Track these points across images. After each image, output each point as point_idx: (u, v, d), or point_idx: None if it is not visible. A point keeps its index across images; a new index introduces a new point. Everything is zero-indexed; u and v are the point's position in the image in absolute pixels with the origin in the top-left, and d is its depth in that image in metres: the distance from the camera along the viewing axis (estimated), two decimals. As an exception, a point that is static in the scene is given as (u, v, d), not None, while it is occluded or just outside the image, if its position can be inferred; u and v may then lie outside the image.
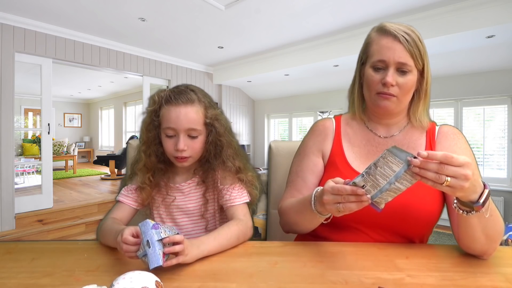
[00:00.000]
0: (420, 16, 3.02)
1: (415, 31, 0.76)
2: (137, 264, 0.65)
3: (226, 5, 2.92)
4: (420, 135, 0.82)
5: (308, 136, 0.92)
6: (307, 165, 0.87)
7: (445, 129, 0.82)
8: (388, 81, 0.74)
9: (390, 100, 0.77)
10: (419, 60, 0.74)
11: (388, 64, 0.75)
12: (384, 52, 0.75)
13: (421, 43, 0.75)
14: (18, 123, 7.10)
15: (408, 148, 0.80)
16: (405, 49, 0.73)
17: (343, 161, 0.83)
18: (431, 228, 0.79)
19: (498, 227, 0.63)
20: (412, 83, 0.76)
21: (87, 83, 6.89)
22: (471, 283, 0.55)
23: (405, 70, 0.74)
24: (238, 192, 0.90)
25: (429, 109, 0.82)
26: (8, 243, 0.81)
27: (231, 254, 0.72)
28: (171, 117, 0.82)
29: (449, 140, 0.79)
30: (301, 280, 0.57)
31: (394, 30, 0.74)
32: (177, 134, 0.83)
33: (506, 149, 3.56)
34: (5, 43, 3.07)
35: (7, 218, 3.09)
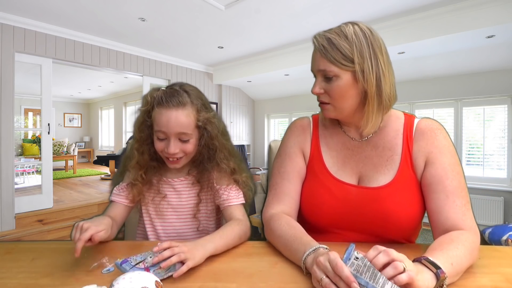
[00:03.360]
0: (420, 16, 3.02)
1: (345, 31, 0.69)
2: (137, 264, 0.65)
3: (226, 5, 2.92)
4: (396, 134, 0.77)
5: (288, 136, 0.88)
6: (291, 166, 0.83)
7: (422, 125, 0.76)
8: (312, 91, 0.74)
9: (326, 109, 0.76)
10: (343, 62, 0.68)
11: (315, 74, 0.75)
12: (311, 63, 0.75)
13: (348, 44, 0.68)
14: (18, 123, 7.10)
15: (384, 150, 0.77)
16: (322, 56, 0.70)
17: (322, 168, 0.81)
18: (414, 231, 0.78)
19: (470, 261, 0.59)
20: (341, 89, 0.70)
21: (87, 83, 6.89)
22: (471, 283, 0.55)
23: (329, 76, 0.71)
24: (236, 192, 0.91)
25: (383, 111, 0.73)
26: (8, 243, 0.81)
27: (231, 254, 0.72)
28: (162, 121, 0.81)
29: (426, 138, 0.74)
30: (301, 280, 0.57)
31: (314, 39, 0.72)
32: (168, 137, 0.83)
33: (506, 149, 3.56)
34: (5, 43, 3.07)
35: (7, 218, 3.09)
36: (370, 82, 0.69)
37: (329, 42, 0.69)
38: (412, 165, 0.74)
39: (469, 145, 3.83)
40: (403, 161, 0.74)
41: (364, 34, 0.69)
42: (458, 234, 0.62)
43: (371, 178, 0.76)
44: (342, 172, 0.79)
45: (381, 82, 0.70)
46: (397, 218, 0.71)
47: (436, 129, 0.75)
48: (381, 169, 0.76)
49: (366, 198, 0.74)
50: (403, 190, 0.72)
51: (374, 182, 0.75)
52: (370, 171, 0.77)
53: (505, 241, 3.02)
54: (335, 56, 0.68)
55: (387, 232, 0.74)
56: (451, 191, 0.68)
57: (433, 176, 0.70)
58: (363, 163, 0.78)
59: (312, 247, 0.60)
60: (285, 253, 0.68)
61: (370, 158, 0.78)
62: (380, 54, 0.70)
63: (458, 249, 0.57)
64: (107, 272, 0.60)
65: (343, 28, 0.70)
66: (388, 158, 0.76)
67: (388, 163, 0.75)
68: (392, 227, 0.72)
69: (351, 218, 0.76)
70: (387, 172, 0.75)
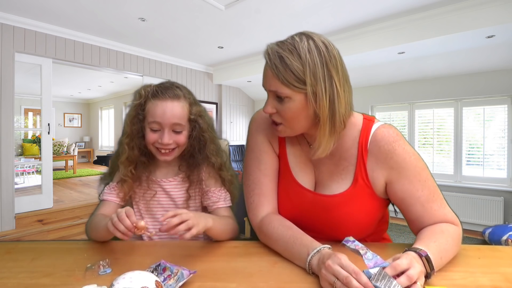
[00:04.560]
0: (420, 16, 3.02)
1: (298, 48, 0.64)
2: (137, 264, 0.65)
3: (226, 5, 2.92)
4: (352, 144, 0.74)
5: (255, 129, 0.84)
6: (271, 163, 0.80)
7: (379, 137, 0.71)
8: (264, 111, 0.71)
9: (279, 130, 0.73)
10: (295, 85, 0.64)
11: (267, 92, 0.71)
12: (263, 79, 0.71)
13: (301, 64, 0.63)
14: (18, 123, 7.09)
15: (340, 159, 0.75)
16: (273, 75, 0.66)
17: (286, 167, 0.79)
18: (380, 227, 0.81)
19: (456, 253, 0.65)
20: (293, 111, 0.67)
21: (87, 83, 6.89)
22: (471, 283, 0.55)
23: (281, 97, 0.67)
24: (224, 195, 0.93)
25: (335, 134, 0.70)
26: (8, 243, 0.81)
27: (231, 254, 0.72)
28: (157, 112, 0.83)
29: (382, 152, 0.70)
30: (301, 280, 0.57)
31: (266, 54, 0.67)
32: (162, 128, 0.85)
33: (506, 149, 3.56)
34: (5, 43, 3.07)
35: (7, 218, 3.09)
36: (322, 106, 0.65)
37: (281, 61, 0.64)
38: (366, 177, 0.72)
39: (469, 145, 3.83)
40: (357, 172, 0.73)
41: (318, 52, 0.64)
42: (447, 226, 0.66)
43: (326, 186, 0.76)
44: (301, 175, 0.79)
45: (334, 105, 0.66)
46: (350, 225, 0.72)
47: (392, 142, 0.70)
48: (336, 177, 0.75)
49: (321, 205, 0.75)
50: (358, 199, 0.72)
51: (328, 190, 0.75)
52: (325, 178, 0.77)
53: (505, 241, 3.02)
54: (287, 77, 0.64)
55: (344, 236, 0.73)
56: (425, 200, 0.69)
57: (403, 191, 0.70)
58: (320, 170, 0.78)
59: (315, 248, 0.60)
60: (285, 255, 0.68)
61: (326, 166, 0.77)
62: (335, 73, 0.65)
63: (448, 242, 0.62)
64: (103, 274, 0.60)
65: (297, 44, 0.64)
66: (344, 168, 0.75)
67: (344, 173, 0.74)
68: (350, 232, 0.71)
69: (307, 221, 0.76)
70: (342, 181, 0.74)
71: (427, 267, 0.54)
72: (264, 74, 0.70)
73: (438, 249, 0.59)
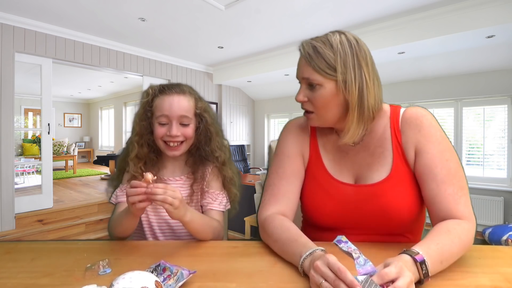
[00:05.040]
0: (420, 16, 3.02)
1: (331, 40, 0.69)
2: (137, 264, 0.65)
3: (226, 5, 2.92)
4: (384, 129, 0.77)
5: (285, 136, 0.87)
6: (291, 167, 0.82)
7: (407, 115, 0.75)
8: (296, 99, 0.74)
9: (310, 118, 0.76)
10: (327, 71, 0.68)
11: (300, 81, 0.75)
12: (297, 70, 0.75)
13: (333, 53, 0.68)
14: (18, 123, 7.09)
15: (375, 148, 0.76)
16: (306, 63, 0.70)
17: (322, 170, 0.80)
18: (416, 224, 0.78)
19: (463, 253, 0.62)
20: (324, 98, 0.70)
21: (87, 83, 6.89)
22: (471, 283, 0.55)
23: (313, 85, 0.71)
24: (221, 199, 0.95)
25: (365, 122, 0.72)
26: (8, 243, 0.81)
27: (231, 254, 0.72)
28: (165, 105, 0.88)
29: (412, 127, 0.73)
30: (301, 280, 0.57)
31: (300, 46, 0.72)
32: (170, 121, 0.88)
33: (506, 149, 3.56)
34: (5, 43, 3.07)
35: (7, 218, 3.09)
36: (352, 93, 0.68)
37: (315, 50, 0.69)
38: (404, 157, 0.74)
39: (469, 145, 3.83)
40: (395, 155, 0.74)
41: (349, 44, 0.69)
42: (455, 225, 0.63)
43: (367, 176, 0.76)
44: (340, 173, 0.79)
45: (363, 93, 0.69)
46: (396, 211, 0.71)
47: (421, 117, 0.73)
48: (374, 167, 0.76)
49: (364, 195, 0.75)
50: (400, 183, 0.73)
51: (370, 180, 0.75)
52: (365, 171, 0.77)
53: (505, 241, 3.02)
54: (319, 64, 0.68)
55: (389, 227, 0.74)
56: (442, 179, 0.67)
57: (423, 166, 0.70)
58: (358, 165, 0.79)
59: (308, 250, 0.60)
60: (282, 256, 0.68)
61: (363, 159, 0.78)
62: (365, 65, 0.69)
63: (454, 243, 0.59)
64: (103, 274, 0.60)
65: (330, 36, 0.70)
66: (380, 155, 0.76)
67: (381, 160, 0.76)
68: (393, 221, 0.73)
69: (351, 217, 0.76)
70: (381, 168, 0.75)
71: (421, 274, 0.52)
72: (298, 65, 0.74)
73: (439, 252, 0.56)
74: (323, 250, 0.60)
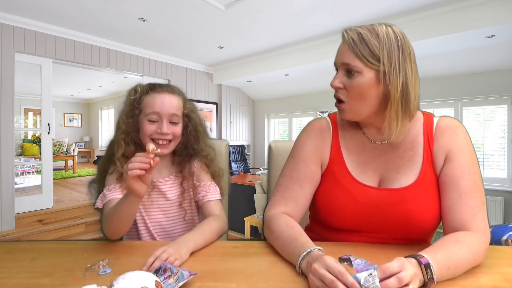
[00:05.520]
0: (420, 16, 3.02)
1: (377, 30, 0.68)
2: (137, 264, 0.65)
3: (226, 5, 2.92)
4: (417, 134, 0.75)
5: (304, 138, 0.83)
6: (304, 172, 0.79)
7: (443, 123, 0.74)
8: (331, 83, 0.71)
9: (342, 109, 0.73)
10: (369, 59, 0.66)
11: (337, 67, 0.72)
12: (336, 55, 0.73)
13: (377, 41, 0.66)
14: (18, 123, 7.08)
15: (405, 150, 0.74)
16: (349, 49, 0.68)
17: (344, 170, 0.77)
18: (434, 231, 0.77)
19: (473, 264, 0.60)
20: (361, 87, 0.68)
21: (87, 83, 6.89)
22: (471, 283, 0.55)
23: (351, 72, 0.68)
24: (214, 189, 0.96)
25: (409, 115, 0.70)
26: (8, 243, 0.81)
27: (231, 254, 0.72)
28: (156, 103, 0.88)
29: (446, 136, 0.72)
30: (301, 280, 0.57)
31: (344, 32, 0.70)
32: (160, 119, 0.88)
33: (506, 149, 3.56)
34: (5, 43, 3.07)
35: (7, 218, 3.09)
36: (395, 85, 0.66)
37: (359, 36, 0.67)
38: (433, 165, 0.73)
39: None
40: (425, 161, 0.72)
41: (396, 37, 0.67)
42: (465, 236, 0.62)
43: (393, 179, 0.74)
44: (363, 175, 0.77)
45: (407, 87, 0.67)
46: (420, 219, 0.69)
47: (456, 128, 0.73)
48: (403, 170, 0.74)
49: (388, 200, 0.72)
50: (426, 190, 0.71)
51: (396, 184, 0.73)
52: (391, 173, 0.75)
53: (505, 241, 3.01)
54: (362, 51, 0.66)
55: (409, 233, 0.73)
56: (465, 191, 0.67)
57: (449, 175, 0.69)
58: (385, 165, 0.76)
59: (305, 250, 0.59)
60: (283, 255, 0.68)
61: (391, 160, 0.76)
62: (409, 61, 0.68)
63: (462, 252, 0.58)
64: (103, 274, 0.60)
65: (376, 26, 0.69)
66: (410, 159, 0.74)
67: (410, 164, 0.74)
68: (415, 228, 0.71)
69: (372, 220, 0.74)
70: (409, 172, 0.73)
71: (425, 276, 0.51)
72: (338, 51, 0.72)
73: (446, 259, 0.55)
74: (320, 249, 0.60)
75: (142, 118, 0.90)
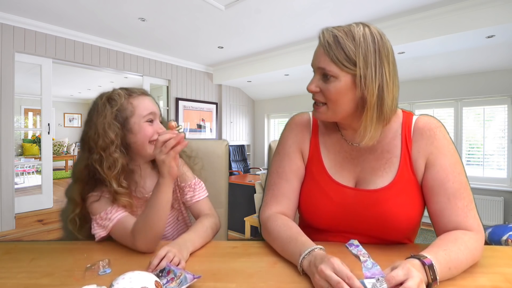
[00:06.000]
0: (420, 16, 3.01)
1: (354, 32, 0.65)
2: (137, 264, 0.65)
3: (226, 5, 2.92)
4: (395, 135, 0.74)
5: (287, 134, 0.85)
6: (289, 166, 0.81)
7: (421, 124, 0.73)
8: (307, 87, 0.71)
9: (319, 111, 0.72)
10: (345, 64, 0.65)
11: (314, 70, 0.71)
12: (313, 58, 0.71)
13: (353, 45, 0.64)
14: (18, 123, 7.09)
15: (382, 152, 0.74)
16: (324, 53, 0.66)
17: (321, 169, 0.78)
18: (413, 231, 0.78)
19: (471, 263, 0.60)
20: (337, 91, 0.67)
21: (87, 83, 6.88)
22: (471, 283, 0.55)
23: (328, 76, 0.67)
24: (200, 186, 0.95)
25: (382, 123, 0.69)
26: (8, 243, 0.81)
27: (231, 254, 0.72)
28: (148, 104, 0.86)
29: (425, 138, 0.71)
30: (301, 280, 0.57)
31: (321, 34, 0.68)
32: (155, 119, 0.87)
33: (506, 149, 3.56)
34: (5, 43, 3.07)
35: (7, 218, 3.09)
36: (370, 90, 0.65)
37: (335, 39, 0.65)
38: (411, 167, 0.72)
39: (469, 145, 3.83)
40: (402, 162, 0.72)
41: (373, 39, 0.65)
42: (462, 235, 0.62)
43: (369, 181, 0.74)
44: (340, 174, 0.77)
45: (383, 92, 0.66)
46: (396, 220, 0.70)
47: (434, 128, 0.72)
48: (379, 172, 0.74)
49: (364, 200, 0.73)
50: (402, 192, 0.71)
51: (372, 185, 0.73)
52: (368, 174, 0.75)
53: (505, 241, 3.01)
54: (337, 55, 0.65)
55: (386, 234, 0.73)
56: (453, 193, 0.67)
57: (434, 179, 0.69)
58: (361, 167, 0.76)
59: (307, 249, 0.60)
60: (282, 255, 0.68)
61: (368, 162, 0.76)
62: (386, 63, 0.66)
63: (461, 250, 0.58)
64: (103, 274, 0.60)
65: (353, 28, 0.66)
66: (387, 161, 0.74)
67: (387, 166, 0.73)
68: (391, 229, 0.71)
69: (349, 221, 0.75)
70: (386, 174, 0.73)
71: (429, 277, 0.51)
72: (314, 53, 0.70)
73: (447, 259, 0.55)
74: (321, 248, 0.60)
75: (134, 122, 0.82)
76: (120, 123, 0.82)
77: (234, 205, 3.41)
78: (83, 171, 0.81)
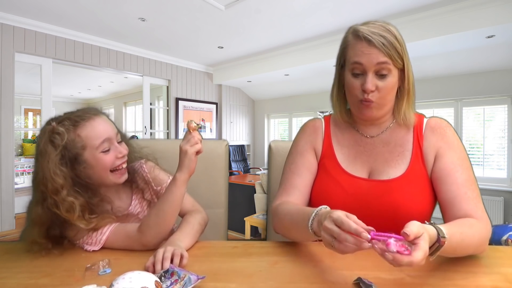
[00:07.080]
0: (420, 16, 3.02)
1: (391, 30, 0.73)
2: (137, 264, 0.65)
3: (226, 5, 2.92)
4: (407, 131, 0.81)
5: (300, 136, 0.91)
6: (302, 162, 0.85)
7: (432, 122, 0.79)
8: (368, 88, 0.72)
9: (371, 107, 0.75)
10: (398, 60, 0.72)
11: (366, 69, 0.73)
12: (360, 57, 0.73)
13: (397, 42, 0.72)
14: (18, 123, 7.09)
15: (395, 146, 0.80)
16: (381, 52, 0.71)
17: (334, 163, 0.82)
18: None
19: (475, 241, 0.61)
20: (392, 85, 0.74)
21: (87, 83, 6.88)
22: (471, 283, 0.55)
23: (384, 73, 0.72)
24: None
25: (414, 105, 0.79)
26: (8, 243, 0.81)
27: (231, 254, 0.72)
28: (100, 131, 0.75)
29: (436, 134, 0.77)
30: (301, 280, 0.57)
31: (367, 35, 0.71)
32: (111, 143, 0.77)
33: (506, 149, 3.56)
34: (5, 43, 3.07)
35: (7, 218, 3.09)
36: (411, 80, 0.75)
37: (385, 38, 0.71)
38: (422, 160, 0.76)
39: (469, 145, 3.83)
40: (414, 155, 0.77)
41: (400, 35, 0.74)
42: (474, 221, 0.64)
43: (382, 172, 0.78)
44: (353, 167, 0.81)
45: (414, 80, 0.76)
46: (407, 210, 0.72)
47: (445, 127, 0.78)
48: (392, 163, 0.78)
49: (377, 191, 0.75)
50: (414, 183, 0.74)
51: (385, 175, 0.77)
52: (381, 165, 0.79)
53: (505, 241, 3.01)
54: (393, 53, 0.71)
55: (397, 226, 0.73)
56: (462, 183, 0.70)
57: (443, 169, 0.72)
58: (374, 158, 0.80)
59: (313, 211, 0.61)
60: (294, 230, 0.71)
61: (381, 154, 0.80)
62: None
63: (472, 228, 0.61)
64: (103, 274, 0.60)
65: (387, 26, 0.74)
66: (399, 154, 0.78)
67: (399, 158, 0.78)
68: (402, 220, 0.71)
69: (361, 212, 0.74)
70: (398, 166, 0.77)
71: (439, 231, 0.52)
72: (365, 52, 0.71)
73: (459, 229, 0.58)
74: (326, 207, 0.62)
75: (88, 156, 0.73)
76: (70, 161, 0.72)
77: (234, 205, 3.40)
78: (42, 215, 0.71)
